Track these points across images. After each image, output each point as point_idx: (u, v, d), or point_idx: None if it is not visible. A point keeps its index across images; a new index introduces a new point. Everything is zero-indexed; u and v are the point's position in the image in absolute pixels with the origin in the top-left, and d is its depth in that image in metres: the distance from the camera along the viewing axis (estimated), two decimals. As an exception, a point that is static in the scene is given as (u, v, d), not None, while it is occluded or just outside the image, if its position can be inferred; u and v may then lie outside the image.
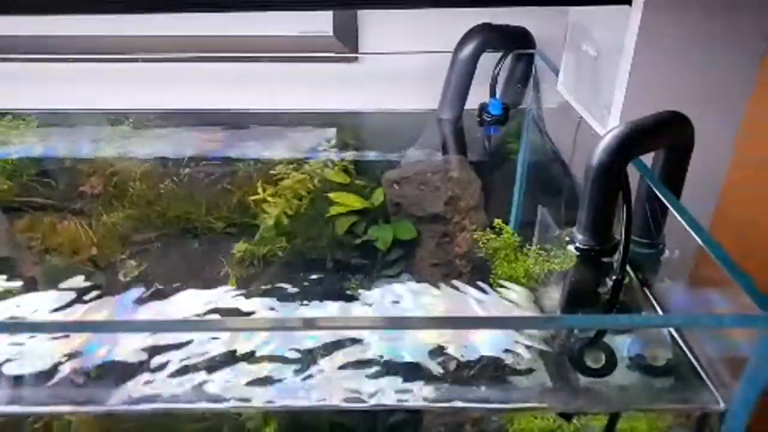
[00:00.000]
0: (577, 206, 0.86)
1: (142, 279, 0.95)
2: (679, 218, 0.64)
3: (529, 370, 0.68)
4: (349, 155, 1.18)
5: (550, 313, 0.75)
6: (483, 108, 1.21)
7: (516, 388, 0.67)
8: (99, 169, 1.22)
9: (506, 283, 0.85)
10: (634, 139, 0.68)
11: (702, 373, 0.60)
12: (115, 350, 0.72)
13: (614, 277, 0.70)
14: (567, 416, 0.67)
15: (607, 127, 0.82)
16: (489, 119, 1.20)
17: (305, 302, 0.85)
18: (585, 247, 0.73)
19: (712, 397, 0.58)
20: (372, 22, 1.23)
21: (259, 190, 1.10)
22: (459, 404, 0.64)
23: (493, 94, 1.20)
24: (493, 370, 0.68)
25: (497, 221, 0.93)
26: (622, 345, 0.68)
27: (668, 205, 0.66)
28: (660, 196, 0.67)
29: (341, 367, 0.69)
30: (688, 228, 0.61)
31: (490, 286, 0.85)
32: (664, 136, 0.72)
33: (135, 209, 1.10)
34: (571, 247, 0.73)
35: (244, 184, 1.14)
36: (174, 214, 1.09)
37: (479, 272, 0.91)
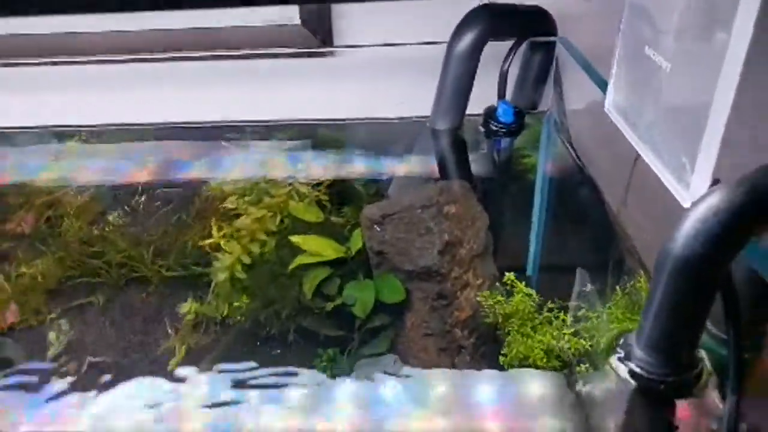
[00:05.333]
0: (617, 252, 0.62)
1: (69, 352, 0.77)
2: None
3: None
4: (324, 178, 0.96)
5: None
6: (489, 114, 0.98)
7: None
8: (34, 199, 1.03)
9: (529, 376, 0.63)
10: (750, 215, 0.41)
11: None
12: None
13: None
14: None
15: (691, 187, 0.52)
16: (498, 128, 0.97)
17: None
18: (648, 375, 0.47)
19: None
20: (348, 8, 0.98)
21: (213, 230, 0.89)
22: None
23: (502, 95, 0.96)
24: None
25: (508, 276, 0.70)
26: None
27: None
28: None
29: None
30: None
31: (502, 368, 0.65)
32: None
33: (68, 254, 0.91)
34: (621, 367, 0.49)
35: (200, 219, 0.94)
36: (117, 260, 0.90)
37: (486, 345, 0.71)
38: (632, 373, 0.48)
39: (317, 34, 1.01)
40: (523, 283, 0.70)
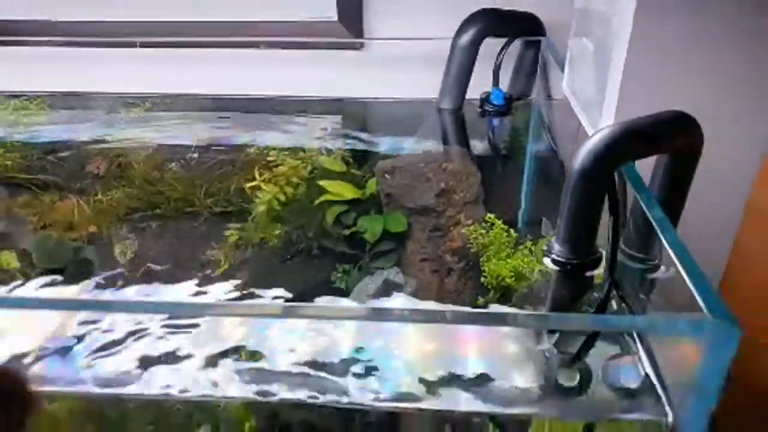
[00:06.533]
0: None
1: (134, 259, 0.98)
2: (659, 233, 0.57)
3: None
4: (349, 144, 1.17)
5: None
6: (485, 98, 1.17)
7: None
8: (108, 151, 1.24)
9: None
10: (623, 143, 0.59)
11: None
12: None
13: (599, 297, 0.62)
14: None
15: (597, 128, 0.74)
16: (490, 110, 1.15)
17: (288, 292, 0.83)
18: (561, 259, 0.64)
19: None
20: (377, 7, 1.20)
21: (256, 175, 1.10)
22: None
23: (495, 84, 1.15)
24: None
25: (489, 216, 0.89)
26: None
27: (650, 216, 0.60)
28: (643, 205, 0.61)
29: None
30: (665, 244, 0.56)
31: (482, 285, 0.82)
32: (663, 140, 0.62)
33: (136, 190, 1.11)
34: (547, 260, 0.66)
35: (244, 170, 1.15)
36: (174, 197, 1.10)
37: (472, 270, 0.88)
38: (553, 261, 0.64)
39: (351, 29, 1.23)
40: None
